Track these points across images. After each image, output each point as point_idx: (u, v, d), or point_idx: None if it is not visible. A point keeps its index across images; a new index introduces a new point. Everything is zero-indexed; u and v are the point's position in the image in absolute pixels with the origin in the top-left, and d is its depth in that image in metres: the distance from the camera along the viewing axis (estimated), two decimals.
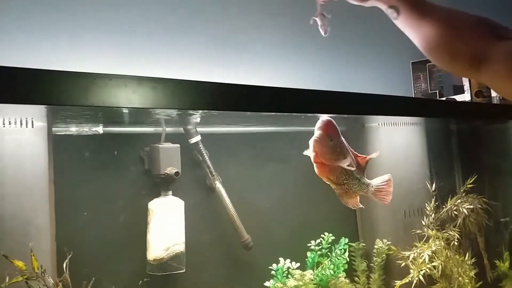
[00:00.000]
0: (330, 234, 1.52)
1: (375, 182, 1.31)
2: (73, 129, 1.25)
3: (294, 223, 1.56)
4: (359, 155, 1.28)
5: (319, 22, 1.08)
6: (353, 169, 1.22)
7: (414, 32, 0.94)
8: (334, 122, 1.19)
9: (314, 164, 1.18)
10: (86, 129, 1.26)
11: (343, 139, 1.21)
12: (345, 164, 1.18)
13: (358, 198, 1.29)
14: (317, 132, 1.16)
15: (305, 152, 1.18)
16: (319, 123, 1.17)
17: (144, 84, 0.84)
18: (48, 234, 1.08)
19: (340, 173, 1.20)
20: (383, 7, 0.97)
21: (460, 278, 1.57)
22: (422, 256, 1.48)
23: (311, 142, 1.16)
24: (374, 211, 1.67)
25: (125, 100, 0.83)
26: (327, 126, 1.16)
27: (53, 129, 1.18)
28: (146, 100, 0.84)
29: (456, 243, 1.56)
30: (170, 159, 1.29)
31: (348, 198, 1.27)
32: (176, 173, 1.27)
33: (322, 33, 1.09)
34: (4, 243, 0.95)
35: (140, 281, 1.21)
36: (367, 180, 1.29)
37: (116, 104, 0.82)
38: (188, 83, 0.90)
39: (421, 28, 0.92)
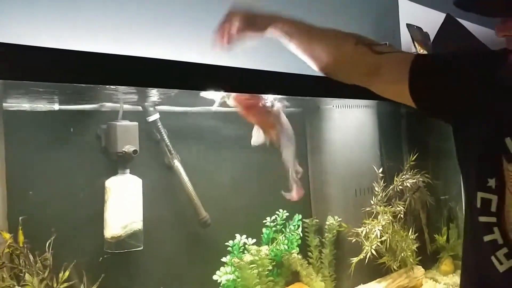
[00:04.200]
0: (285, 211, 1.57)
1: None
2: (26, 105, 1.20)
3: (251, 201, 1.60)
4: None
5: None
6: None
7: (307, 55, 1.07)
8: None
9: (238, 106, 1.18)
10: (41, 105, 1.22)
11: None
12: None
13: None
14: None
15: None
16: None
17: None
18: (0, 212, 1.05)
19: (267, 114, 1.21)
20: (276, 35, 1.08)
21: (403, 252, 1.69)
22: (374, 231, 1.57)
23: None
24: (327, 190, 1.74)
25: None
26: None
27: (4, 104, 1.14)
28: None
29: (402, 217, 1.66)
30: (128, 137, 1.28)
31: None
32: (134, 151, 1.27)
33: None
34: None
35: (101, 258, 1.21)
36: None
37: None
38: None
39: (312, 51, 1.06)
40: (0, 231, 0.82)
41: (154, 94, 1.27)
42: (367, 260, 1.57)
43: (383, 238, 1.59)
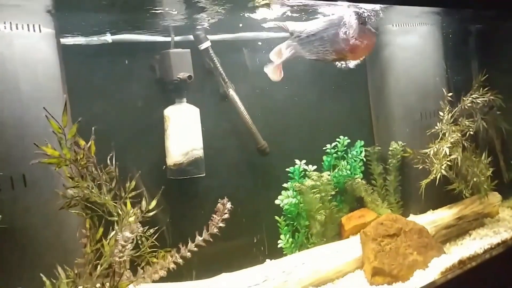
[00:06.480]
0: (346, 137, 1.52)
1: None
2: (81, 38, 1.23)
3: (310, 128, 1.56)
4: None
5: None
6: None
7: None
8: None
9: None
10: (95, 38, 1.24)
11: None
12: None
13: None
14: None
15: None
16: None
17: None
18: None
19: None
20: None
21: (475, 178, 1.57)
22: (442, 151, 1.46)
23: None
24: (390, 115, 1.65)
25: None
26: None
27: (62, 39, 1.16)
28: None
29: (471, 134, 1.53)
30: (181, 64, 1.28)
31: None
32: (189, 77, 1.26)
33: None
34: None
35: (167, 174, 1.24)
36: None
37: None
38: None
39: None
40: (78, 137, 0.86)
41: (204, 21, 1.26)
42: (437, 183, 1.48)
43: (452, 157, 1.47)
